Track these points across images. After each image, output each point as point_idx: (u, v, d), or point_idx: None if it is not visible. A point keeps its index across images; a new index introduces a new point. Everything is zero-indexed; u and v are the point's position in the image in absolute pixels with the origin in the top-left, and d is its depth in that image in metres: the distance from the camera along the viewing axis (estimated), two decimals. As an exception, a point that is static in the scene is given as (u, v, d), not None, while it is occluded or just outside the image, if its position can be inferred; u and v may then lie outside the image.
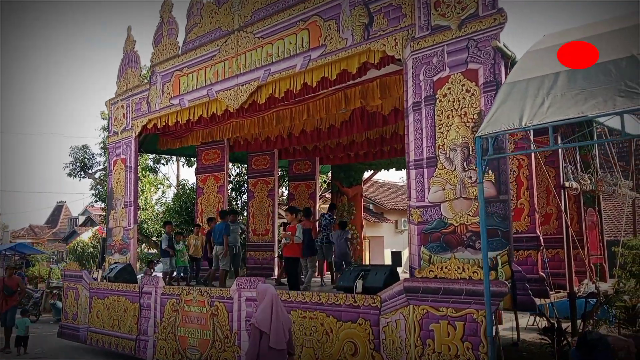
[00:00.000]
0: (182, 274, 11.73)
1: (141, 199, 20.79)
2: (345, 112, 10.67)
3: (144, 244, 22.95)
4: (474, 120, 6.42)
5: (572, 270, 8.84)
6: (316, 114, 9.73)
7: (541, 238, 7.76)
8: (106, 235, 12.91)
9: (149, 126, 11.59)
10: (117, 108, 12.68)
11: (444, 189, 6.63)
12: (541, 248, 7.75)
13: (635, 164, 18.66)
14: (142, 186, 21.10)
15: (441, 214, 6.59)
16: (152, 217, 21.08)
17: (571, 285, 8.83)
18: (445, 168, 6.63)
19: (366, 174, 17.36)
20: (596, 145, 11.22)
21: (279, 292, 5.98)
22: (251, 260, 14.49)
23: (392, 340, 6.05)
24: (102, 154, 22.26)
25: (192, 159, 16.57)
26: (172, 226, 12.54)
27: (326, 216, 11.16)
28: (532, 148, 6.38)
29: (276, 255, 13.82)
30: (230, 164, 19.90)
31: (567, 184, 9.16)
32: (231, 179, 20.07)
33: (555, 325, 8.96)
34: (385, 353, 6.11)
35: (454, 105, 6.60)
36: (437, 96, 6.77)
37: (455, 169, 6.54)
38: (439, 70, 6.79)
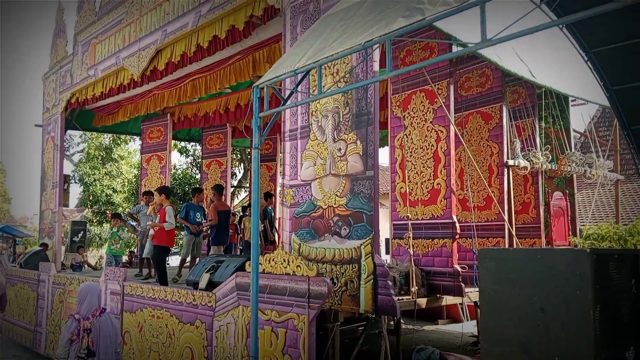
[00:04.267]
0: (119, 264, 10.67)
1: (117, 182, 20.15)
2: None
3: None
4: (345, 80, 5.21)
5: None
6: (226, 82, 8.61)
7: (457, 225, 6.44)
8: (39, 219, 12.15)
9: (72, 100, 10.68)
10: (50, 82, 11.82)
11: (315, 165, 5.45)
12: (456, 237, 6.43)
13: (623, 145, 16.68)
14: (119, 168, 20.43)
15: (311, 195, 5.44)
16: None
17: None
18: (317, 139, 5.46)
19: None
20: (569, 118, 9.69)
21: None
22: (204, 248, 13.50)
23: (222, 348, 4.92)
24: (82, 135, 21.64)
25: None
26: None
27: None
28: (311, 97, 5.07)
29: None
30: (197, 144, 18.95)
31: (511, 162, 7.77)
32: (199, 160, 19.06)
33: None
34: (217, 364, 5.00)
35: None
36: (312, 51, 5.58)
37: (326, 139, 5.36)
38: (315, 18, 5.58)
